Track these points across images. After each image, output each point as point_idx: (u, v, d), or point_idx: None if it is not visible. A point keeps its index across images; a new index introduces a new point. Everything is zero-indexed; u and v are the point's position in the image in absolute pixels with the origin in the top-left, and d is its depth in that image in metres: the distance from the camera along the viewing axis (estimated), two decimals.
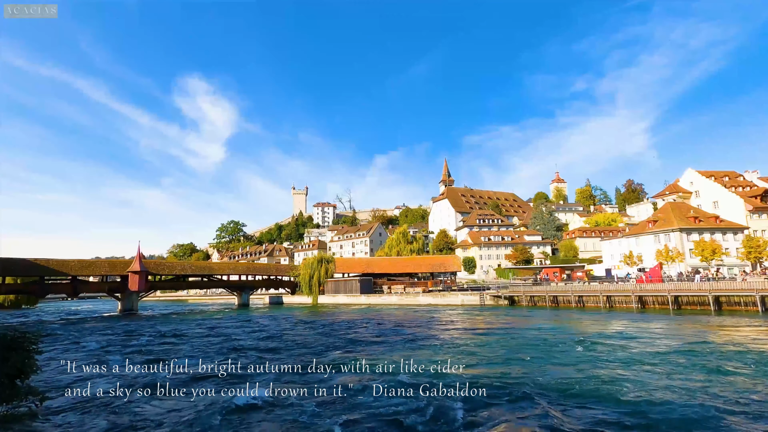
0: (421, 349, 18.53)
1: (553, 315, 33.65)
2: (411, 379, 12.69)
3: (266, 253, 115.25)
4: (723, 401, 9.96)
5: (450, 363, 14.55)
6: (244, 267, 68.36)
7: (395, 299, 54.26)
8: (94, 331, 31.04)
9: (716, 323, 25.19)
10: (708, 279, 39.50)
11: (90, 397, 11.63)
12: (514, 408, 9.81)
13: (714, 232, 55.29)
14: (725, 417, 8.87)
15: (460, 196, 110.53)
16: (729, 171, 75.79)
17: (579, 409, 9.67)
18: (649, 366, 14.03)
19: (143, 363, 16.60)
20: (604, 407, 9.73)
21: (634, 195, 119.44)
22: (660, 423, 8.68)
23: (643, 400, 10.23)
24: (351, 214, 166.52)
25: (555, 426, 8.45)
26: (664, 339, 19.77)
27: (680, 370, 13.22)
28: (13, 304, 71.05)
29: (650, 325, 25.32)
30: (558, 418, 8.90)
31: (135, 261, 52.88)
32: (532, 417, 9.15)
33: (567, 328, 25.36)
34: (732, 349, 16.44)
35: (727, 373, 12.77)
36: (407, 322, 31.00)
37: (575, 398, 10.57)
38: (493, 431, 8.43)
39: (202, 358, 17.44)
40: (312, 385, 12.41)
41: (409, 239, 79.90)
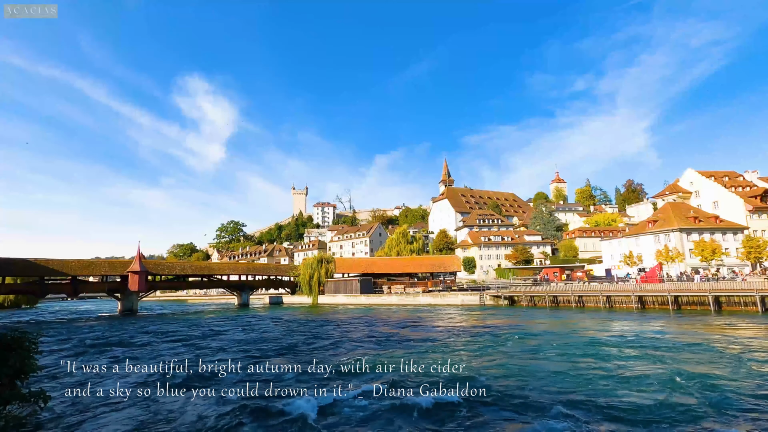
0: (417, 349, 18.52)
1: (552, 315, 33.64)
2: (411, 380, 12.69)
3: (266, 253, 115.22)
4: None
5: (450, 363, 14.54)
6: (244, 267, 68.33)
7: (395, 299, 54.23)
8: (93, 330, 31.04)
9: (716, 323, 25.17)
10: (708, 279, 39.50)
11: (91, 397, 11.64)
12: (516, 409, 9.81)
13: (714, 232, 55.27)
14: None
15: (460, 196, 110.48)
16: (729, 171, 75.77)
17: (583, 411, 9.67)
18: (649, 364, 14.03)
19: (142, 363, 16.60)
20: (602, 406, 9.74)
21: (634, 195, 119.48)
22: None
23: (652, 402, 10.24)
24: (351, 214, 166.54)
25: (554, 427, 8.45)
26: (665, 337, 19.76)
27: (672, 368, 13.22)
28: (13, 303, 71.10)
29: (650, 325, 25.31)
30: (562, 419, 8.90)
31: (135, 261, 52.86)
32: (535, 418, 9.15)
33: (566, 326, 25.34)
34: (731, 349, 16.44)
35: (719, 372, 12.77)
36: (408, 321, 30.98)
37: (583, 400, 10.57)
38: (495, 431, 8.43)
39: (204, 357, 17.44)
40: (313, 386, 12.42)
41: (409, 239, 79.88)
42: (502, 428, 8.58)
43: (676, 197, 71.05)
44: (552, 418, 8.92)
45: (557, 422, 8.67)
